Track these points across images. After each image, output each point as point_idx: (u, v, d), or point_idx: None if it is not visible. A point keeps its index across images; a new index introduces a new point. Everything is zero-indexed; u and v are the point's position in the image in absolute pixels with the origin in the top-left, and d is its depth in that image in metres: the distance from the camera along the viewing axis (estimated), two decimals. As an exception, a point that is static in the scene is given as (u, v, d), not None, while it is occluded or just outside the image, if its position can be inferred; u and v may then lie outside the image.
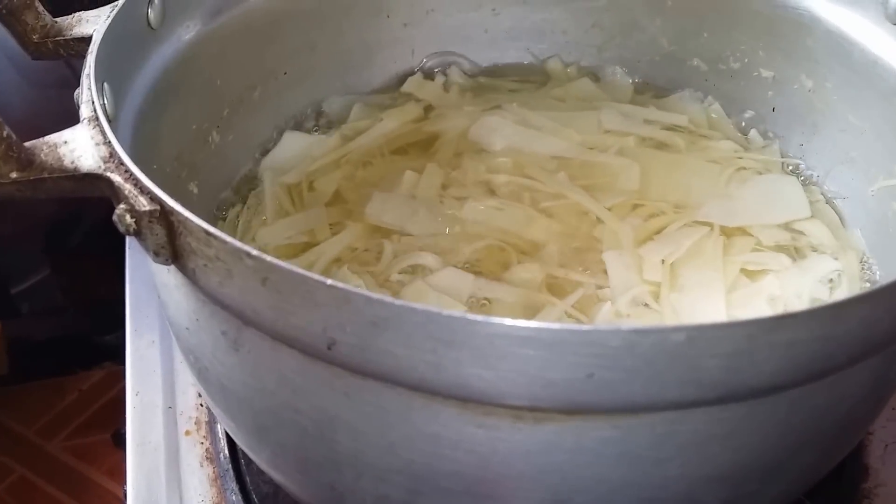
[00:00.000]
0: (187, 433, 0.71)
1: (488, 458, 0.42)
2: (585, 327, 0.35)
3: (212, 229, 0.39)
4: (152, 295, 0.82)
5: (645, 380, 0.36)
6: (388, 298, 0.35)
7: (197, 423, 0.72)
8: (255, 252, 0.37)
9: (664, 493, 0.44)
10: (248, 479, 0.67)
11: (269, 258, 0.37)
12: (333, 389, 0.42)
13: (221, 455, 0.69)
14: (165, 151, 0.62)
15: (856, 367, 0.41)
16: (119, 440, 1.38)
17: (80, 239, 1.28)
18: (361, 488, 0.47)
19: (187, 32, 0.63)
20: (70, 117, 0.48)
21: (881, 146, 0.67)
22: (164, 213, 0.41)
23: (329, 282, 0.36)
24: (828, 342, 0.38)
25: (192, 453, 0.69)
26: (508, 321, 0.35)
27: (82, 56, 0.54)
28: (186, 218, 0.40)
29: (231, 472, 0.67)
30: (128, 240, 0.88)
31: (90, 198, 1.29)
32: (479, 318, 0.35)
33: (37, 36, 0.55)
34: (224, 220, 0.70)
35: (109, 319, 1.36)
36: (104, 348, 1.45)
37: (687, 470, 0.42)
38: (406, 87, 0.82)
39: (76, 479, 1.37)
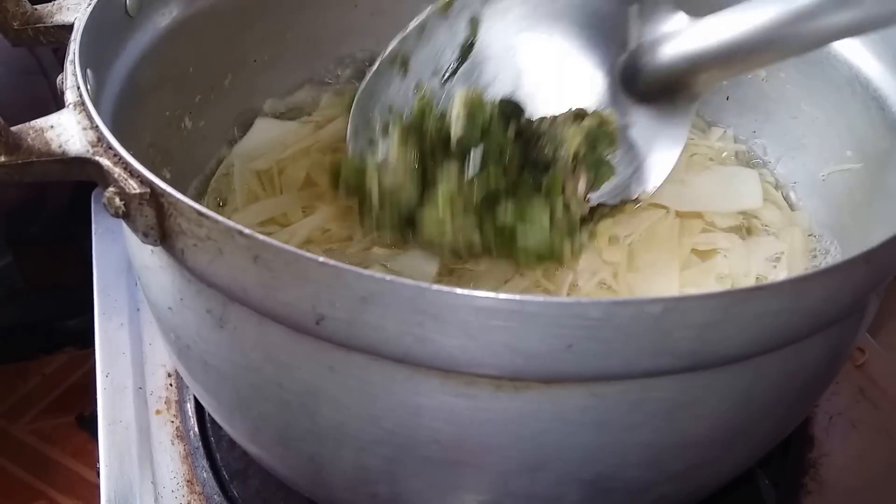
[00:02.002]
0: (157, 412, 0.72)
1: (468, 427, 0.44)
2: (568, 300, 0.37)
3: (204, 210, 0.40)
4: (120, 279, 0.83)
5: (621, 349, 0.39)
6: (379, 274, 0.37)
7: (167, 402, 0.73)
8: (247, 231, 0.39)
9: (635, 459, 0.46)
10: (218, 455, 0.69)
11: (261, 237, 0.39)
12: (318, 363, 0.43)
13: (191, 433, 0.70)
14: (140, 137, 0.63)
15: (814, 337, 0.44)
16: (83, 422, 1.39)
17: (42, 225, 1.28)
18: (342, 459, 0.48)
19: (163, 20, 0.64)
20: (36, 104, 0.49)
21: (832, 133, 0.70)
22: (154, 196, 0.42)
23: (321, 259, 0.38)
24: (793, 313, 0.40)
25: (163, 431, 0.71)
26: (495, 295, 0.37)
27: (62, 44, 0.54)
28: (178, 199, 0.41)
29: (201, 450, 0.69)
30: (94, 225, 0.88)
31: (51, 184, 1.28)
32: (466, 292, 0.37)
33: (17, 23, 0.56)
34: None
35: (72, 305, 1.37)
36: (66, 333, 1.46)
37: (656, 436, 0.45)
38: None
39: (42, 461, 1.38)
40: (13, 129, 0.45)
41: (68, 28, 0.55)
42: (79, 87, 0.48)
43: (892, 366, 0.78)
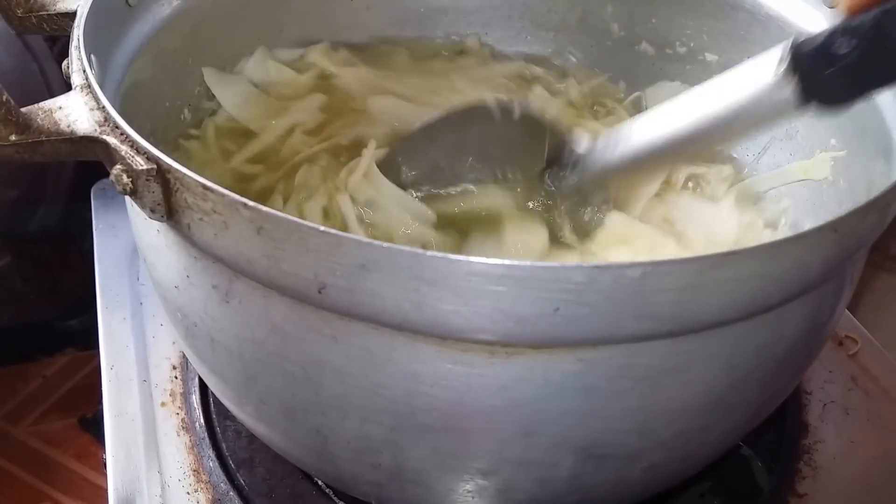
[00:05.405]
0: (163, 405, 0.74)
1: (464, 394, 0.45)
2: (552, 264, 0.39)
3: (209, 183, 0.42)
4: (122, 274, 0.85)
5: (605, 313, 0.41)
6: (377, 242, 0.39)
7: (172, 394, 0.74)
8: (251, 203, 0.41)
9: (623, 425, 0.48)
10: (224, 445, 0.70)
11: (264, 208, 0.40)
12: (322, 334, 0.45)
13: (197, 424, 0.72)
14: (141, 127, 0.64)
15: (790, 305, 0.46)
16: (85, 424, 1.40)
17: (40, 226, 1.29)
18: (346, 429, 0.50)
19: (162, 10, 0.66)
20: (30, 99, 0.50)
21: (818, 121, 0.71)
22: (161, 171, 0.44)
23: (321, 228, 0.39)
24: (765, 279, 0.42)
25: (168, 423, 0.72)
26: (484, 260, 0.39)
27: (65, 32, 0.56)
28: (184, 174, 0.43)
29: (207, 440, 0.70)
30: (94, 221, 0.90)
31: (50, 184, 1.29)
32: (459, 257, 0.39)
33: (21, 10, 0.57)
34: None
35: (72, 305, 1.38)
36: (66, 335, 1.46)
37: (642, 402, 0.47)
38: None
39: (44, 463, 1.39)
40: (23, 109, 0.47)
41: (71, 15, 0.56)
42: (84, 71, 0.50)
43: (884, 355, 0.80)
